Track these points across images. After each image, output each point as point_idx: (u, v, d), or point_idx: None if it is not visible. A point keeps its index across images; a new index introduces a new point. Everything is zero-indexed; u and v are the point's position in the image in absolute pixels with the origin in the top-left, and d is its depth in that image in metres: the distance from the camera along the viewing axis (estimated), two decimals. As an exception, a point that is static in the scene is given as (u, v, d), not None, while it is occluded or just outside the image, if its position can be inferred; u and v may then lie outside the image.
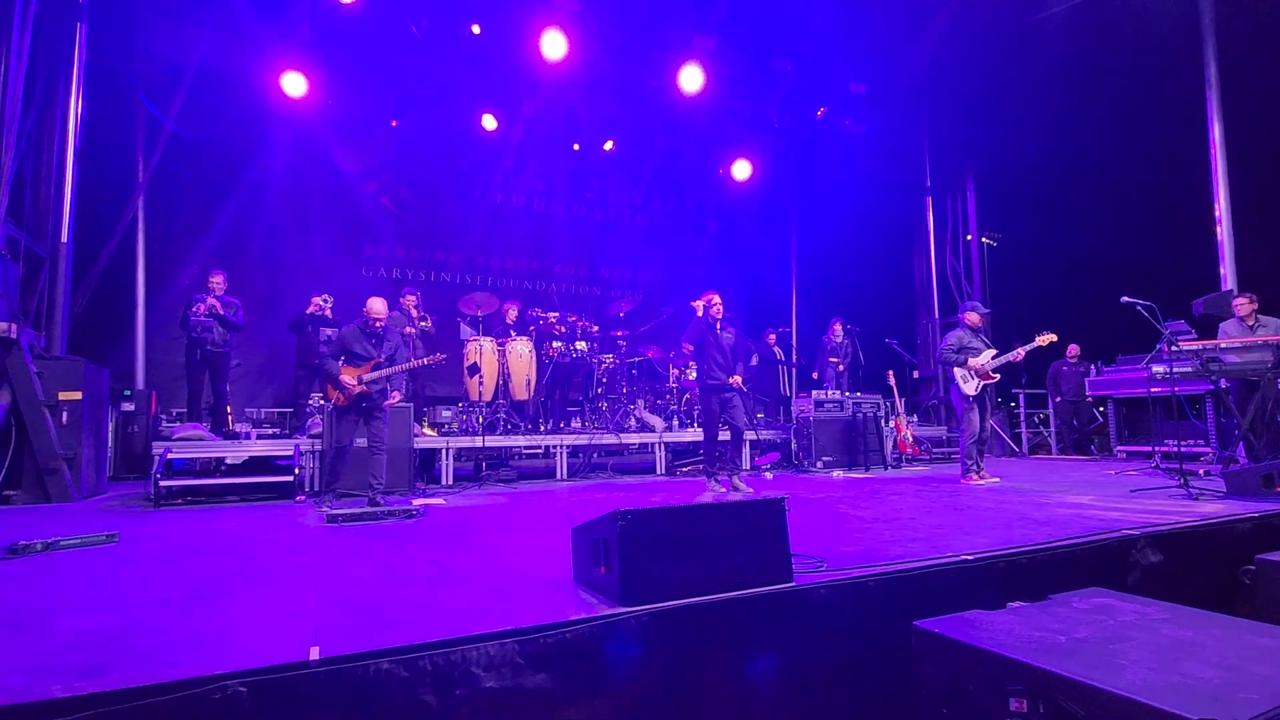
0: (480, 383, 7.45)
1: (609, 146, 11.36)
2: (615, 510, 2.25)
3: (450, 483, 6.67)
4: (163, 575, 2.91)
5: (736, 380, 5.87)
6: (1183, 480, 4.89)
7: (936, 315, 11.64)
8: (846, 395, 8.36)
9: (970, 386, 6.05)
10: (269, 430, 6.93)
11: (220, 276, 7.16)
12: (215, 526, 4.30)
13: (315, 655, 1.79)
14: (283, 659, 1.77)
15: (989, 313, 6.84)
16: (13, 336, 5.43)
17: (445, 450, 6.79)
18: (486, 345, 7.61)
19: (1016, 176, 11.53)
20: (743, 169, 11.66)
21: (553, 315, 8.24)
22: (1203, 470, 6.16)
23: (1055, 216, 12.47)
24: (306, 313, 7.56)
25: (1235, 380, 6.19)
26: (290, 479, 5.72)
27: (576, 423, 8.15)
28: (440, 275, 10.75)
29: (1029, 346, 6.11)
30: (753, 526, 2.45)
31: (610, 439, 7.76)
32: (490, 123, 10.14)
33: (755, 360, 9.42)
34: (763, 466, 8.12)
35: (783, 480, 7.00)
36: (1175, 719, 1.51)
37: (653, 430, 7.84)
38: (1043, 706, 1.79)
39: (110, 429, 7.13)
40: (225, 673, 1.68)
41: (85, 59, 6.83)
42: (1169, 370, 5.74)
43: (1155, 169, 10.68)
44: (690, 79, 9.38)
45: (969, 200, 11.61)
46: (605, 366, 8.31)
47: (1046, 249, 12.59)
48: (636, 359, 8.88)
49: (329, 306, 7.56)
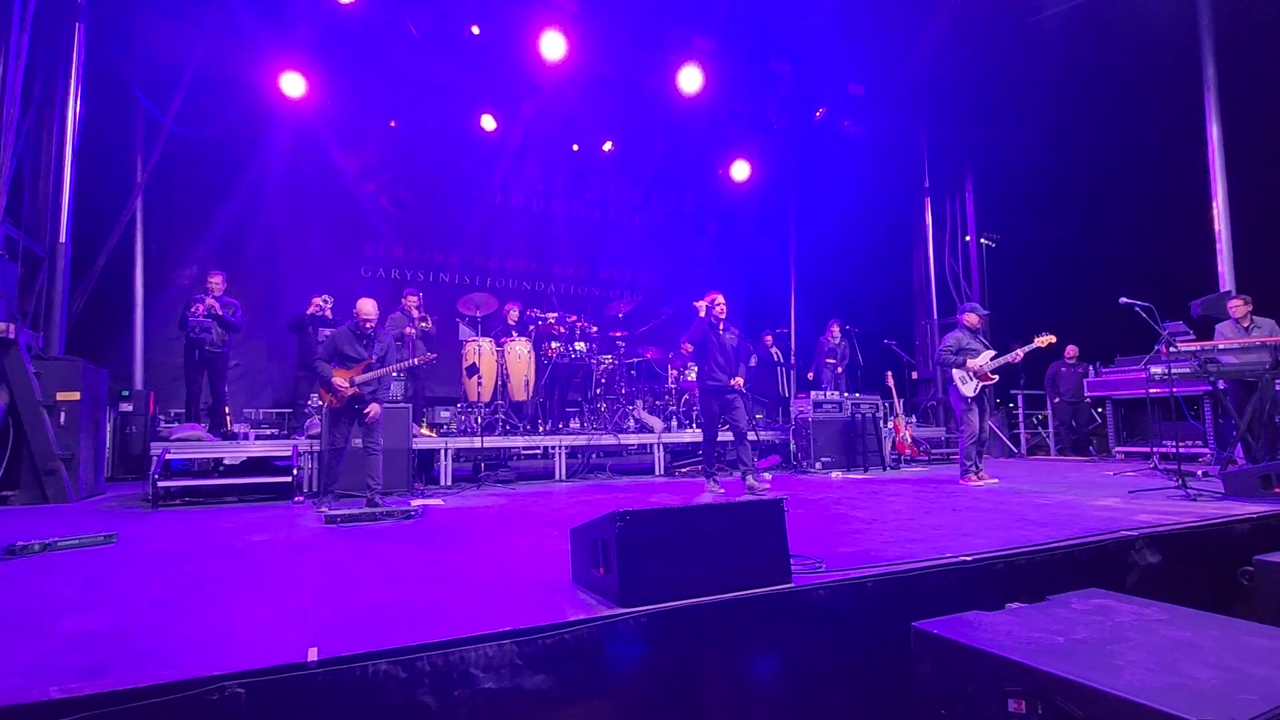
0: (479, 383, 7.44)
1: (608, 147, 11.38)
2: (614, 511, 2.25)
3: (449, 483, 6.66)
4: (161, 576, 2.90)
5: (738, 382, 5.84)
6: (1181, 481, 4.90)
7: (935, 316, 11.65)
8: (845, 396, 8.35)
9: (969, 388, 6.05)
10: (267, 431, 6.92)
11: (219, 277, 7.15)
12: (213, 527, 4.30)
13: (313, 656, 1.79)
14: (281, 660, 1.76)
15: (988, 314, 6.84)
16: (11, 337, 5.43)
17: (444, 451, 6.78)
18: (485, 346, 7.60)
19: (1015, 177, 11.54)
20: (742, 170, 11.68)
21: (551, 316, 8.23)
22: (1201, 471, 6.17)
23: (1054, 217, 12.49)
24: (307, 313, 7.56)
25: (1232, 381, 6.20)
26: (289, 480, 5.72)
27: (575, 423, 8.15)
28: (439, 276, 10.74)
29: (1028, 347, 6.12)
30: (751, 527, 2.45)
31: (609, 440, 7.76)
32: (489, 123, 10.15)
33: (754, 361, 9.43)
34: (762, 470, 8.11)
35: (781, 481, 6.99)
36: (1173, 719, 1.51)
37: (651, 431, 7.84)
38: (1041, 707, 1.79)
39: (108, 429, 7.14)
40: (223, 674, 1.68)
41: (84, 59, 6.83)
42: (1167, 371, 5.74)
43: (1154, 170, 10.70)
44: (689, 80, 9.39)
45: (968, 201, 11.62)
46: (604, 367, 8.30)
47: (1045, 250, 12.60)
48: (635, 360, 8.87)
49: (329, 307, 7.56)
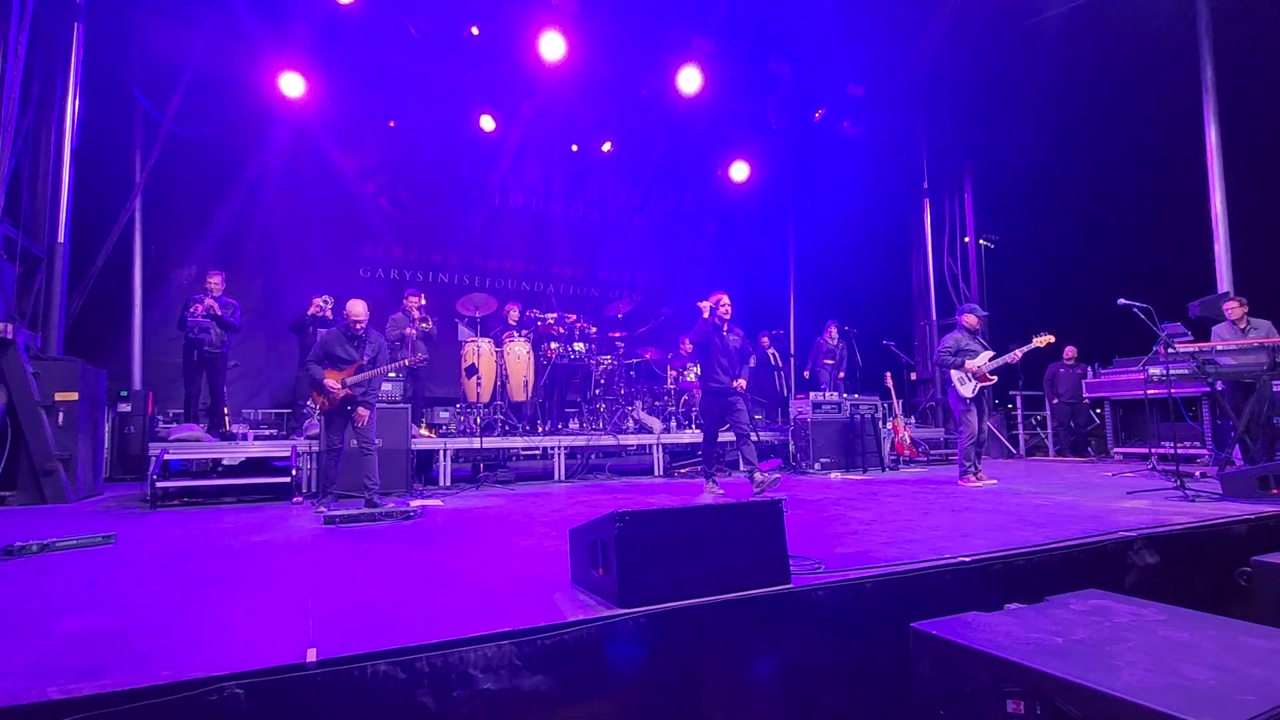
0: (478, 384, 7.44)
1: (607, 148, 11.37)
2: (613, 512, 2.25)
3: (448, 484, 6.66)
4: (159, 576, 2.90)
5: (741, 384, 5.81)
6: (1179, 482, 4.90)
7: (934, 317, 11.66)
8: (844, 397, 8.35)
9: (967, 388, 6.05)
10: (266, 431, 6.92)
11: (218, 277, 7.15)
12: (212, 527, 4.29)
13: (312, 657, 1.79)
14: (279, 660, 1.76)
15: (987, 315, 6.84)
16: (9, 337, 5.42)
17: (443, 451, 6.78)
18: (484, 346, 7.60)
19: (1014, 178, 11.55)
20: (741, 170, 11.68)
21: (551, 316, 8.23)
22: (1199, 472, 6.17)
23: (1053, 218, 12.50)
24: (308, 314, 7.56)
25: (1230, 383, 6.21)
26: (287, 480, 5.72)
27: (574, 424, 8.15)
28: (438, 276, 10.74)
29: (1026, 348, 6.13)
30: (750, 528, 2.45)
31: (608, 440, 7.75)
32: (488, 123, 10.15)
33: (753, 362, 9.41)
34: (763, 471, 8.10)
35: (780, 482, 6.95)
36: (1171, 720, 1.51)
37: (650, 432, 7.84)
38: (1039, 708, 1.79)
39: (107, 430, 7.13)
40: (222, 674, 1.68)
41: (82, 58, 6.83)
42: (1165, 372, 5.75)
43: (1153, 170, 10.71)
44: (688, 80, 9.40)
45: (967, 202, 11.63)
46: (603, 368, 8.30)
47: (1044, 251, 12.61)
48: (634, 360, 8.86)
49: (329, 308, 7.56)
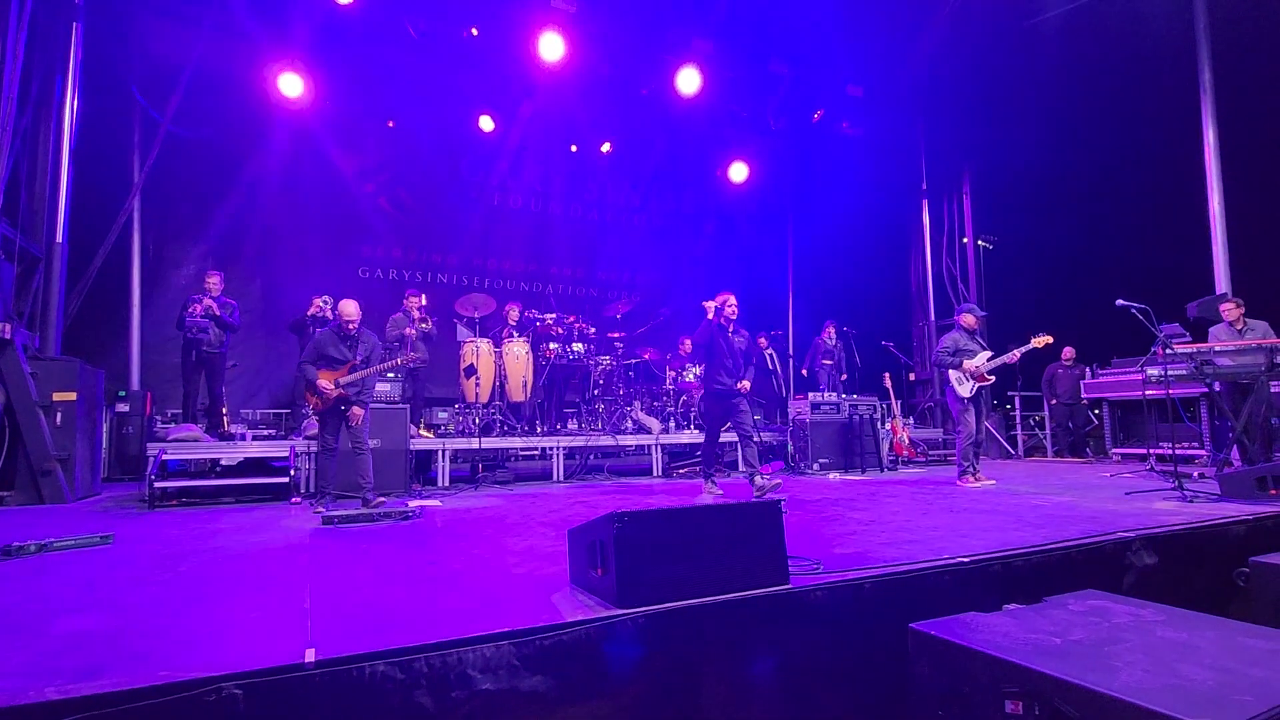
0: (477, 384, 7.43)
1: (606, 148, 11.37)
2: (611, 512, 2.25)
3: (446, 484, 6.65)
4: (157, 577, 2.90)
5: (745, 386, 5.77)
6: (1177, 483, 4.92)
7: (933, 317, 11.67)
8: (842, 397, 8.35)
9: (965, 389, 6.06)
10: (264, 431, 6.92)
11: (217, 277, 7.14)
12: (210, 528, 4.29)
13: (311, 657, 1.79)
14: (278, 661, 1.76)
15: (985, 315, 6.85)
16: (7, 337, 5.41)
17: (441, 452, 6.78)
18: (483, 346, 7.59)
19: (1013, 179, 11.57)
20: (740, 171, 11.68)
21: (550, 316, 8.22)
22: (1197, 473, 6.18)
23: (1052, 219, 12.52)
24: (308, 314, 7.53)
25: (1228, 383, 6.22)
26: (286, 480, 5.71)
27: (573, 424, 8.15)
28: (437, 276, 10.73)
29: (1024, 348, 6.14)
30: (749, 529, 2.45)
31: (607, 441, 7.75)
32: (488, 124, 10.15)
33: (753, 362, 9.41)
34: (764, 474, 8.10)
35: (781, 486, 6.97)
36: (1170, 721, 1.51)
37: (649, 432, 7.84)
38: (1038, 708, 1.79)
39: (105, 430, 7.11)
40: (220, 675, 1.67)
41: (81, 58, 6.82)
42: (1164, 373, 5.75)
43: (1152, 171, 10.74)
44: (688, 81, 9.39)
45: (965, 202, 11.65)
46: (602, 368, 8.29)
47: (1043, 251, 12.64)
48: (633, 361, 8.86)
49: (329, 308, 7.54)
